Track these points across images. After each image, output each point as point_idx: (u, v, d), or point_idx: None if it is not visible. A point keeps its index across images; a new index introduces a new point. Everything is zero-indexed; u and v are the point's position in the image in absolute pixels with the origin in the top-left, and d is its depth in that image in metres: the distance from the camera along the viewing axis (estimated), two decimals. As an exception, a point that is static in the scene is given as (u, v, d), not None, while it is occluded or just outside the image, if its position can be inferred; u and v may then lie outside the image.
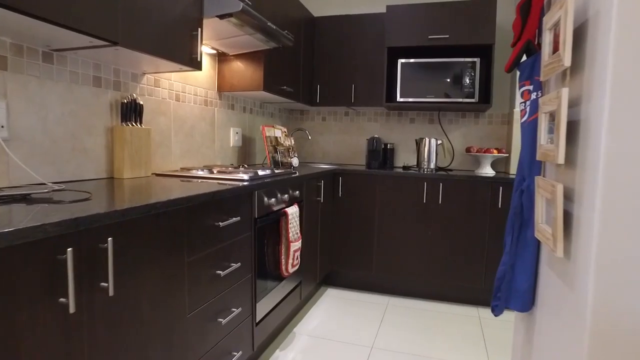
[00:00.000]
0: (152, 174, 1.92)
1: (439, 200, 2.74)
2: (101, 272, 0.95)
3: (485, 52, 2.86)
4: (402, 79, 2.93)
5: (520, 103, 1.41)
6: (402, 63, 2.93)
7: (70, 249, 0.85)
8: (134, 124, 1.77)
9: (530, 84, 1.35)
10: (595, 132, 0.85)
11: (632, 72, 0.80)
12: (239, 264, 1.60)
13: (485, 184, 2.65)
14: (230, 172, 1.86)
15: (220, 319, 1.49)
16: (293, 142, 2.89)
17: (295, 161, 2.71)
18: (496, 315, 1.47)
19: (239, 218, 1.57)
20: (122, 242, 1.02)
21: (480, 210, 2.67)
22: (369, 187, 2.88)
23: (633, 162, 0.81)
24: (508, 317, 2.58)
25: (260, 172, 2.02)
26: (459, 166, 3.28)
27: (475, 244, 2.70)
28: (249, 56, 2.41)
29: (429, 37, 2.84)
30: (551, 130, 1.11)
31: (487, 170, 2.95)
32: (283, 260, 2.00)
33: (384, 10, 3.25)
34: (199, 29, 1.73)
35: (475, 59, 2.77)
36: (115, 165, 1.71)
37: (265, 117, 3.19)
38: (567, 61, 0.94)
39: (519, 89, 1.41)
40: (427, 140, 2.99)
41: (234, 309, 1.59)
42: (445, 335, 2.33)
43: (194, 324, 1.35)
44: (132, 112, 1.76)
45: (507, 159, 3.00)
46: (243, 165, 2.37)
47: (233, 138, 2.70)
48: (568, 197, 1.00)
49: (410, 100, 2.92)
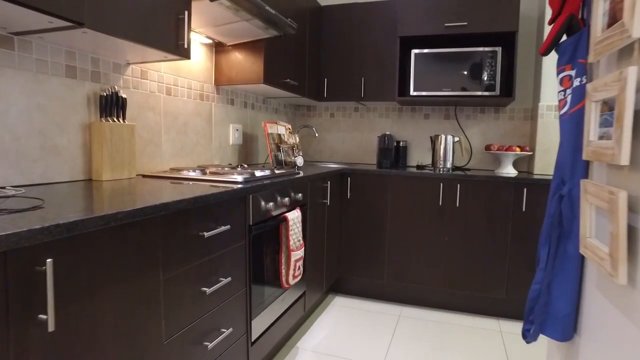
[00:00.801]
0: (137, 175, 1.74)
1: (457, 202, 2.51)
2: (39, 301, 0.76)
3: (507, 40, 2.61)
4: (415, 71, 2.71)
5: (559, 92, 1.18)
6: (415, 54, 2.70)
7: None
8: (115, 119, 1.59)
9: (572, 68, 1.12)
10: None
11: None
12: (230, 278, 1.41)
13: (507, 185, 2.42)
14: (223, 173, 1.67)
15: (207, 343, 1.30)
16: (298, 140, 2.69)
17: (299, 160, 2.51)
18: (528, 342, 1.25)
19: (229, 227, 1.38)
20: (71, 262, 0.83)
21: (502, 213, 2.43)
22: (380, 188, 2.67)
23: None
24: (533, 331, 2.34)
25: (258, 173, 1.82)
26: (478, 165, 3.04)
27: (496, 251, 2.46)
28: (248, 46, 2.21)
29: (446, 25, 2.61)
30: (605, 124, 0.89)
31: (509, 170, 2.71)
32: (283, 271, 1.80)
33: (396, -2, 3.03)
34: (186, 12, 1.53)
35: (496, 48, 2.53)
36: (94, 166, 1.53)
37: (268, 113, 2.99)
38: (636, 31, 0.72)
39: (558, 75, 1.18)
40: (443, 137, 2.76)
41: (223, 330, 1.40)
42: (464, 351, 2.10)
43: (173, 351, 1.16)
44: (113, 106, 1.57)
45: (531, 158, 2.75)
46: (242, 165, 2.18)
47: (233, 135, 2.51)
48: (632, 208, 0.78)
49: (425, 94, 2.69)
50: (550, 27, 1.19)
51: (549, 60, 2.57)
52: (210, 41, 2.16)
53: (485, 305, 2.56)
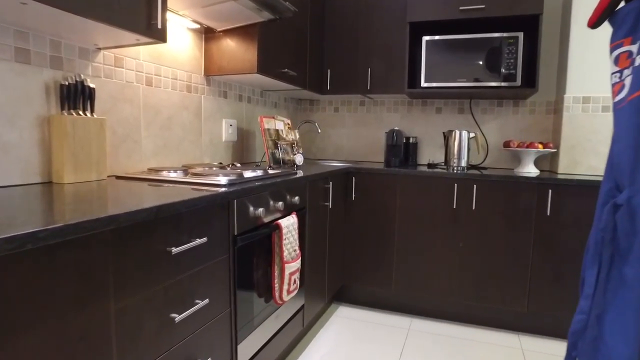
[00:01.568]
0: (110, 176, 1.52)
1: (473, 205, 2.27)
2: None
3: (529, 25, 2.35)
4: (427, 60, 2.46)
5: (613, 74, 0.94)
6: (427, 41, 2.46)
7: None
8: (81, 112, 1.37)
9: (634, 42, 0.87)
10: None
11: None
12: (207, 300, 1.19)
13: (529, 186, 2.17)
14: (207, 175, 1.45)
15: (178, 379, 1.08)
16: (298, 136, 2.46)
17: (299, 158, 2.29)
18: (570, 384, 1.01)
19: (205, 239, 1.16)
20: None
21: (524, 218, 2.19)
22: (388, 188, 2.43)
23: None
24: (558, 350, 2.10)
25: (248, 174, 1.60)
26: (495, 164, 2.79)
27: (517, 259, 2.22)
28: (240, 32, 1.99)
29: (460, 8, 2.35)
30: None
31: (530, 169, 2.46)
32: (276, 286, 1.58)
33: (405, -19, 2.78)
34: (159, -14, 1.31)
35: (517, 34, 2.28)
36: (54, 167, 1.32)
37: (267, 107, 2.76)
38: None
39: (611, 52, 0.94)
40: (457, 133, 2.51)
41: (200, 361, 1.18)
42: (482, 375, 1.87)
43: (132, 394, 0.94)
44: (78, 97, 1.36)
45: (555, 156, 2.49)
46: (233, 164, 1.96)
47: (226, 131, 2.29)
48: None
49: (437, 85, 2.44)
50: (601, -7, 0.94)
51: (577, 47, 2.31)
52: (198, 26, 1.94)
53: (504, 318, 2.32)
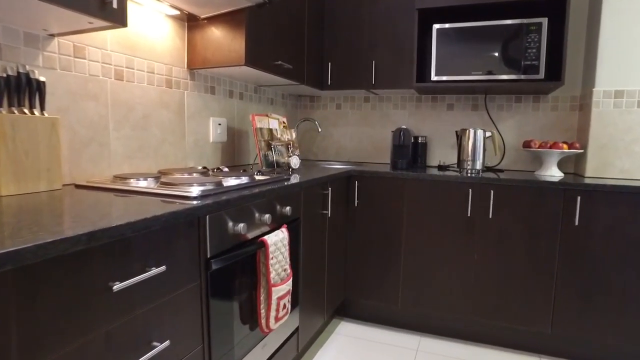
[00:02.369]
0: (66, 185, 1.31)
1: (489, 212, 2.02)
2: None
3: (555, 9, 2.09)
4: (438, 51, 2.21)
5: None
6: (438, 30, 2.21)
7: None
8: (26, 110, 1.15)
9: None
10: None
11: None
12: (168, 341, 0.96)
13: (555, 191, 1.91)
14: (177, 184, 1.23)
15: None
16: (294, 136, 2.23)
17: (294, 161, 2.06)
18: None
19: (163, 268, 0.93)
20: None
21: (548, 227, 1.93)
22: (394, 194, 2.19)
23: None
24: (589, 378, 1.85)
25: (231, 181, 1.38)
26: (512, 165, 2.54)
27: (539, 274, 1.97)
28: (226, 19, 1.76)
29: (476, -8, 2.10)
30: None
31: (553, 172, 2.20)
32: (262, 312, 1.35)
33: (414, -35, 2.53)
34: (115, -43, 1.09)
35: (540, 20, 2.02)
36: (-9, 176, 1.10)
37: (262, 104, 2.54)
38: None
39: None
40: (472, 132, 2.26)
41: (160, 416, 0.96)
42: (502, 411, 1.63)
43: None
44: (22, 92, 1.14)
45: (581, 157, 2.23)
46: (219, 169, 1.74)
47: (214, 131, 2.07)
48: None
49: (449, 79, 2.20)
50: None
51: (609, 34, 2.05)
52: (178, 12, 1.71)
53: (524, 339, 2.07)
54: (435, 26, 2.21)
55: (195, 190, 1.15)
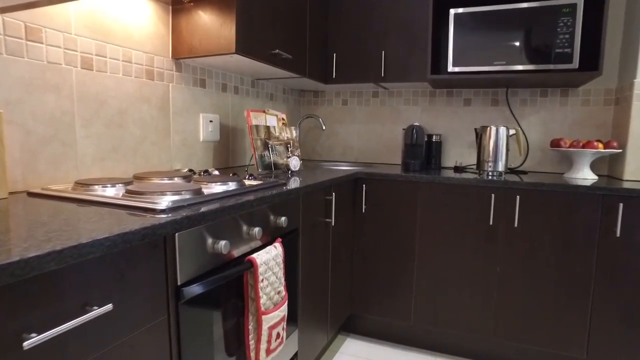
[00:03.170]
0: (13, 193, 1.10)
1: (515, 220, 1.78)
2: None
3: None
4: (455, 38, 1.97)
5: None
6: (455, 15, 1.97)
7: None
8: (-40, 103, 0.95)
9: None
10: None
11: None
12: (117, 401, 0.75)
13: (592, 197, 1.67)
14: (146, 193, 1.01)
15: None
16: (294, 134, 2.01)
17: (294, 162, 1.83)
18: None
19: (109, 307, 0.71)
20: None
21: (583, 238, 1.69)
22: (407, 199, 1.96)
23: None
24: (632, 413, 1.60)
25: (214, 188, 1.16)
26: (537, 167, 2.29)
27: (573, 291, 1.72)
28: (214, 1, 1.54)
29: (499, -29, 1.86)
30: None
31: (585, 174, 1.95)
32: (251, 344, 1.13)
33: (428, -55, 2.28)
34: None
35: (574, 1, 1.77)
36: None
37: (260, 99, 2.32)
38: None
39: None
40: (494, 129, 2.02)
41: None
42: None
43: None
44: (-46, 81, 0.93)
45: (618, 158, 1.98)
46: (206, 172, 1.52)
47: (204, 129, 1.85)
48: None
49: (469, 70, 1.96)
50: None
51: (652, 18, 1.79)
52: (160, -7, 1.50)
53: (554, 365, 1.83)
54: (452, 11, 1.97)
55: (165, 202, 0.93)
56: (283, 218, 1.30)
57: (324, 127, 2.45)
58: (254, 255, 1.11)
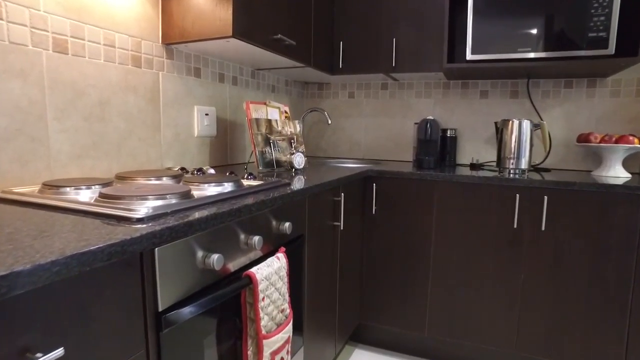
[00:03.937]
0: (-27, 197, 0.93)
1: (542, 223, 1.61)
2: None
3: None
4: (475, 23, 1.79)
5: None
6: (475, -3, 1.79)
7: None
8: None
9: None
10: None
11: None
12: None
13: (631, 197, 1.50)
14: (122, 197, 0.84)
15: None
16: (299, 129, 1.84)
17: (298, 159, 1.66)
18: None
19: (60, 351, 0.54)
20: None
21: (620, 244, 1.52)
22: (421, 199, 1.79)
23: None
24: None
25: (207, 190, 1.00)
26: (560, 164, 2.11)
27: (607, 303, 1.55)
28: (209, -23, 1.37)
29: (525, -52, 1.68)
30: None
31: (617, 172, 1.78)
32: (250, 374, 0.97)
33: None
34: None
35: (610, -20, 1.59)
36: None
37: (261, 91, 2.14)
38: None
39: None
40: (516, 123, 1.85)
41: None
42: None
43: None
44: None
45: (654, 153, 1.81)
46: (199, 171, 1.35)
47: (199, 123, 1.68)
48: None
49: (490, 57, 1.78)
50: None
51: (696, -2, 1.61)
52: (146, -32, 1.33)
53: (585, 382, 1.66)
54: (472, -7, 1.79)
55: (144, 209, 0.76)
56: (287, 224, 1.13)
57: (329, 122, 2.27)
58: (253, 270, 0.94)
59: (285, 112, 1.83)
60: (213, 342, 0.88)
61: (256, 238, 0.98)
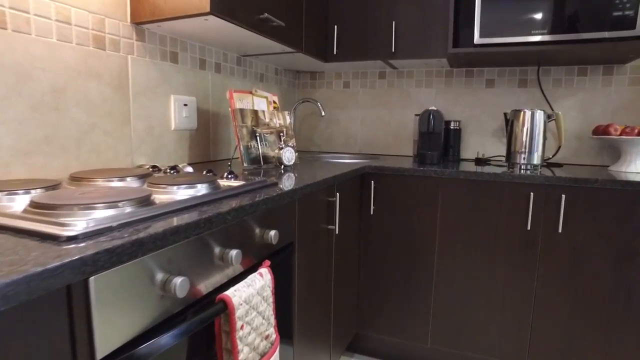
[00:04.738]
0: None
1: (559, 225, 1.45)
2: None
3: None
4: (484, 3, 1.62)
5: None
6: (484, -26, 1.61)
7: None
8: None
9: None
10: None
11: None
12: None
13: (661, 198, 1.34)
14: (56, 207, 0.66)
15: None
16: (289, 121, 1.66)
17: (288, 155, 1.49)
18: None
19: None
20: None
21: (649, 249, 1.37)
22: (424, 197, 1.63)
23: None
24: None
25: (176, 194, 0.82)
26: (573, 158, 1.95)
27: (632, 312, 1.40)
28: (182, -56, 1.18)
29: None
30: None
31: (638, 167, 1.62)
32: (226, 417, 0.80)
33: None
34: None
35: (637, -47, 1.42)
36: None
37: (248, 80, 1.96)
38: None
39: None
40: (528, 113, 1.68)
41: None
42: None
43: None
44: None
45: (679, 147, 1.65)
46: (173, 169, 1.17)
47: (177, 115, 1.50)
48: None
49: (501, 41, 1.60)
50: None
51: None
52: None
53: (605, 399, 1.51)
54: (481, -31, 1.61)
55: (80, 223, 0.59)
56: (273, 232, 0.95)
57: (322, 113, 2.09)
58: (229, 292, 0.76)
59: (274, 102, 1.65)
60: (179, 383, 0.71)
61: (234, 252, 0.81)
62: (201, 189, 0.90)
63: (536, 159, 1.68)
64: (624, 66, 1.83)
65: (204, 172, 1.11)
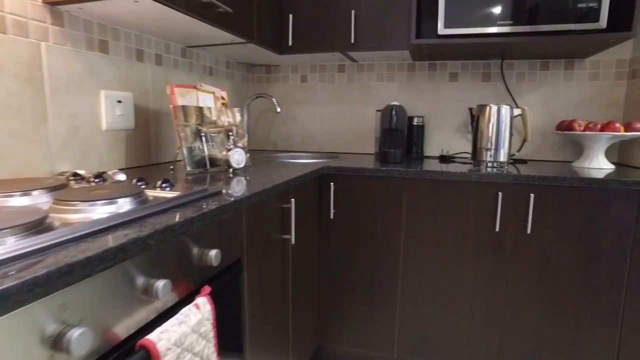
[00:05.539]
0: None
1: (527, 226, 1.39)
2: None
3: None
4: (446, -9, 1.52)
5: None
6: (446, -40, 1.51)
7: None
8: None
9: None
10: None
11: None
12: None
13: (625, 194, 1.29)
14: None
15: None
16: (239, 119, 1.50)
17: (237, 157, 1.33)
18: None
19: None
20: None
21: (612, 247, 1.32)
22: (388, 199, 1.52)
23: None
24: None
25: (85, 213, 0.67)
26: (537, 154, 1.92)
27: (600, 312, 1.36)
28: None
29: None
30: None
31: (601, 162, 1.59)
32: None
33: None
34: None
35: (601, -59, 1.36)
36: None
37: (195, 74, 1.78)
38: None
39: None
40: (494, 109, 1.61)
41: None
42: None
43: None
44: None
45: (633, 143, 1.63)
46: (99, 176, 0.99)
47: (109, 113, 1.31)
48: None
49: (467, 32, 1.52)
50: None
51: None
52: None
53: (574, 403, 1.47)
54: (443, -45, 1.51)
55: None
56: (214, 252, 0.80)
57: (278, 110, 1.95)
58: (153, 336, 0.61)
59: (222, 98, 1.48)
60: None
61: (160, 283, 0.65)
62: (123, 205, 0.74)
63: (502, 156, 1.61)
64: (583, 61, 1.80)
65: (134, 181, 0.94)
